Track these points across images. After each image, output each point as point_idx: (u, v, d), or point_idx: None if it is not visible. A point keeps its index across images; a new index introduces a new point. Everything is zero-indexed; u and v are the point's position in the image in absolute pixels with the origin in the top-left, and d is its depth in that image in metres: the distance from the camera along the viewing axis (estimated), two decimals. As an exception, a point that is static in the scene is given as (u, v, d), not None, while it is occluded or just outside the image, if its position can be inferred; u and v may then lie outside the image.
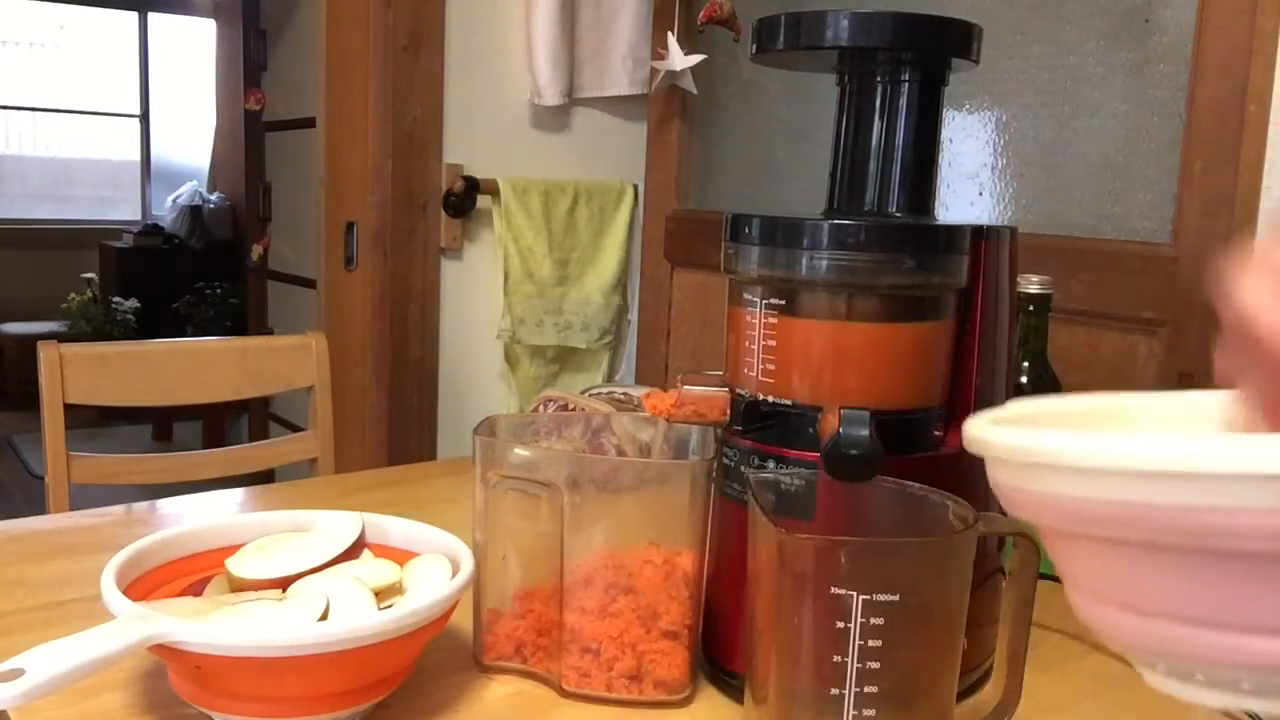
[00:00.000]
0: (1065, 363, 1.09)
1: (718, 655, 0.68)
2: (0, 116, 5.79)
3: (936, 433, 0.67)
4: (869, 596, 0.50)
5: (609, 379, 2.09)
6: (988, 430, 0.36)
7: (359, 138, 1.89)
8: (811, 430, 0.62)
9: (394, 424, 1.91)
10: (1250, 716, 0.68)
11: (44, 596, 0.78)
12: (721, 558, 0.68)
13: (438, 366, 1.95)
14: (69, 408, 1.25)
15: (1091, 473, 0.31)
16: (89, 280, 5.18)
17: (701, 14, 1.78)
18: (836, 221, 0.62)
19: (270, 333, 3.12)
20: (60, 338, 1.30)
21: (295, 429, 2.39)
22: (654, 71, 1.94)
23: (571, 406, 0.92)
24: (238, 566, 0.66)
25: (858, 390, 0.62)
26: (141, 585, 0.63)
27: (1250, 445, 0.28)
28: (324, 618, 0.59)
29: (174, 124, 6.02)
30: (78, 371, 1.26)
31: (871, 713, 0.52)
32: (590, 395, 0.97)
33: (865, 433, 0.56)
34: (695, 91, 1.90)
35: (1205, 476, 0.29)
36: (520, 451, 0.67)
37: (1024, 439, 0.34)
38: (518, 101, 1.95)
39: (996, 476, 0.36)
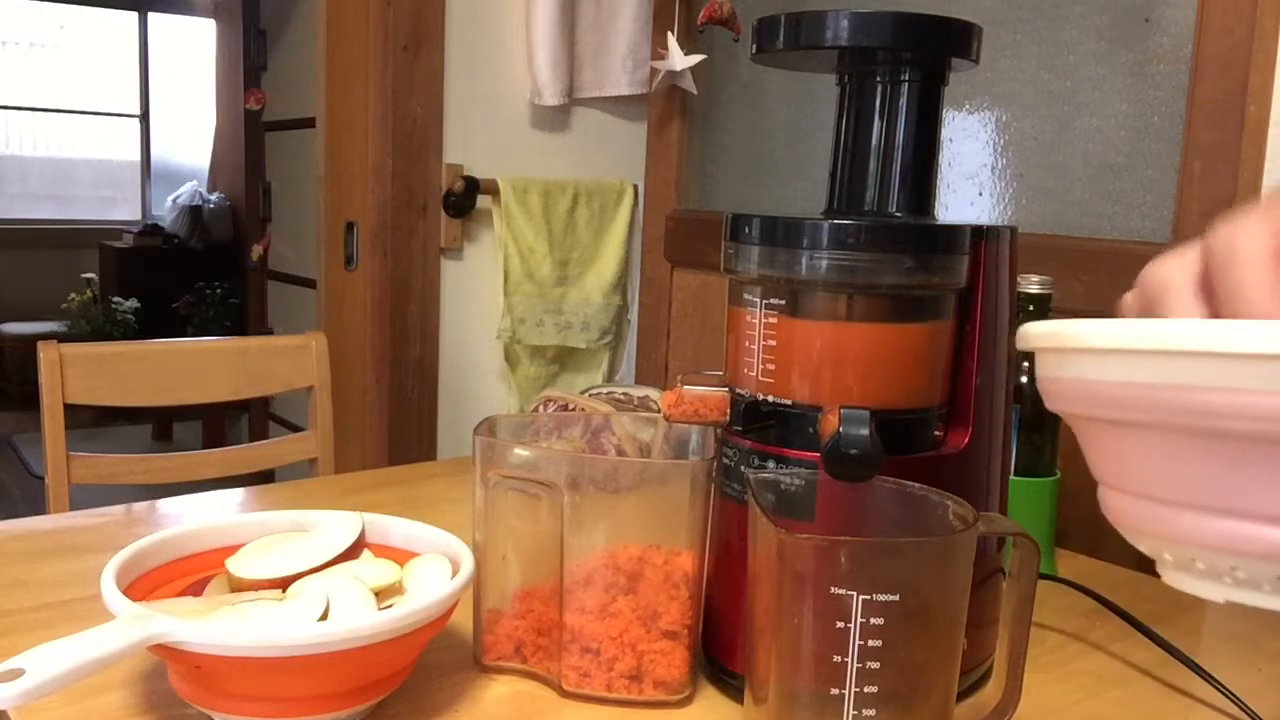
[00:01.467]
0: (1065, 363, 1.09)
1: (718, 655, 0.68)
2: (0, 116, 5.79)
3: (936, 433, 0.67)
4: (869, 596, 0.50)
5: (609, 379, 2.09)
6: (1030, 325, 0.39)
7: (359, 138, 1.89)
8: (811, 430, 0.62)
9: (394, 424, 1.91)
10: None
11: (44, 596, 0.78)
12: (721, 558, 0.68)
13: (438, 366, 1.95)
14: (69, 408, 1.25)
15: (1106, 354, 0.34)
16: (89, 280, 5.18)
17: (701, 14, 1.78)
18: (836, 221, 0.62)
19: (270, 333, 3.12)
20: (60, 338, 1.29)
21: (295, 429, 2.39)
22: (654, 71, 1.94)
23: (571, 406, 0.92)
24: (238, 566, 0.66)
25: (858, 390, 0.62)
26: (141, 585, 0.63)
27: (1248, 327, 0.30)
28: (324, 618, 0.60)
29: (174, 124, 6.02)
30: (78, 371, 1.26)
31: (871, 713, 0.52)
32: (590, 395, 0.97)
33: (865, 433, 0.56)
34: (695, 91, 1.90)
35: (1206, 356, 0.30)
36: (520, 451, 0.67)
37: (1054, 325, 0.37)
38: (518, 101, 1.95)
39: (1041, 372, 0.39)
